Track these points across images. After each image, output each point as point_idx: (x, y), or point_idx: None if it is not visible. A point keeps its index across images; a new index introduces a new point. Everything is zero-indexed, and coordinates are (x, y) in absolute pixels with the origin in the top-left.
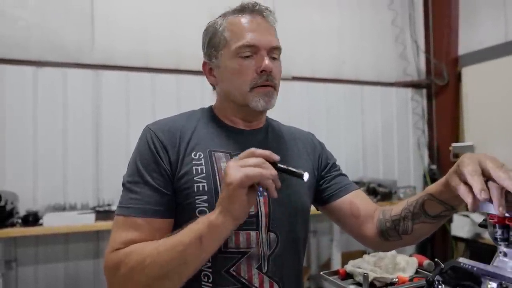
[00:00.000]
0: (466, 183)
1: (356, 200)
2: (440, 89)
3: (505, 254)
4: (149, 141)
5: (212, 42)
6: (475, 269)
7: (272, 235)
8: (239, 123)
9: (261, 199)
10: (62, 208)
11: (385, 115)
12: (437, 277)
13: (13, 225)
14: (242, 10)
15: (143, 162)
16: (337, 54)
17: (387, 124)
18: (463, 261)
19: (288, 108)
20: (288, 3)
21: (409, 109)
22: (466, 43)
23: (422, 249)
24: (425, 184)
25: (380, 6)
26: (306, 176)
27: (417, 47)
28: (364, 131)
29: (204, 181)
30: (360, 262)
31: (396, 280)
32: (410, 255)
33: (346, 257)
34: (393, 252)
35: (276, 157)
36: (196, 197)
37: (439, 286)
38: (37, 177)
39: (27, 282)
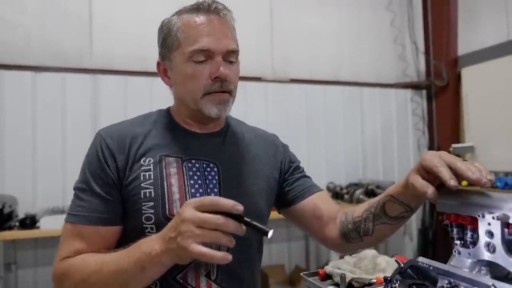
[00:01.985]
0: (424, 179)
1: (319, 202)
2: (440, 90)
3: (459, 253)
4: (97, 147)
5: (166, 42)
6: (431, 268)
7: None
8: (195, 126)
9: None
10: (60, 211)
11: (385, 117)
12: (397, 276)
13: (11, 228)
14: (197, 9)
15: (90, 169)
16: (335, 56)
17: (386, 125)
18: (422, 260)
19: (286, 111)
20: (286, 5)
21: (409, 110)
22: (465, 43)
23: (423, 252)
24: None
25: (378, 7)
26: (270, 234)
27: (416, 48)
28: (363, 132)
29: (151, 187)
30: (340, 263)
31: (375, 281)
32: (392, 256)
33: None
34: (374, 252)
35: (240, 208)
36: (143, 204)
37: (395, 285)
38: (36, 180)
39: (26, 285)
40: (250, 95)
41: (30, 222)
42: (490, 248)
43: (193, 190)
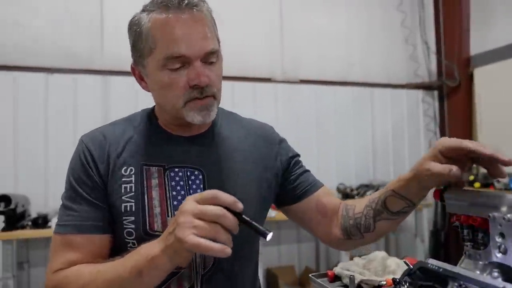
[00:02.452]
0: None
1: (322, 199)
2: (452, 91)
3: (470, 255)
4: (80, 154)
5: (137, 46)
6: (441, 270)
7: None
8: (179, 129)
9: None
10: None
11: (396, 118)
12: (406, 278)
13: (23, 227)
14: (166, 7)
15: (75, 177)
16: (345, 57)
17: (397, 126)
18: (431, 262)
19: (296, 111)
20: (296, 5)
21: (420, 111)
22: (478, 43)
23: (435, 254)
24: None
25: (389, 7)
26: (269, 237)
27: (427, 48)
28: (374, 134)
29: (132, 200)
30: (349, 265)
31: (384, 283)
32: (402, 258)
33: None
34: (384, 254)
35: (240, 206)
36: (124, 218)
37: (403, 286)
38: (48, 180)
39: (39, 283)
40: (259, 96)
41: (42, 221)
42: (502, 249)
43: (175, 203)
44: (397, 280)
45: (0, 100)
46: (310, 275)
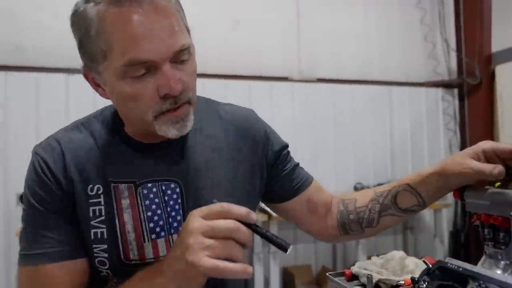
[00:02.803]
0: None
1: (312, 196)
2: (473, 89)
3: (491, 254)
4: (37, 168)
5: (86, 48)
6: (461, 269)
7: None
8: (148, 136)
9: (176, 236)
10: None
11: (414, 116)
12: (424, 277)
13: None
14: (118, 0)
15: (35, 196)
16: (363, 55)
17: (416, 125)
18: (451, 261)
19: (313, 111)
20: (312, 3)
21: (440, 110)
22: (499, 40)
23: (455, 255)
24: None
25: (408, 4)
26: (289, 250)
27: (447, 46)
28: (392, 133)
29: (103, 226)
30: (367, 264)
31: (402, 282)
32: (421, 258)
33: None
34: (402, 254)
35: (254, 217)
36: (94, 246)
37: (422, 285)
38: None
39: None
40: (276, 95)
41: None
42: None
43: (151, 225)
44: (416, 279)
45: (23, 100)
46: (327, 274)
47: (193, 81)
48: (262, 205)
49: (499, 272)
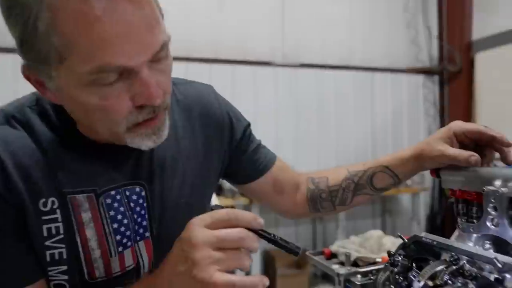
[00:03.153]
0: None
1: (278, 175)
2: (453, 76)
3: (463, 230)
4: None
5: (30, 46)
6: (435, 243)
7: None
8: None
9: (142, 243)
10: None
11: (396, 102)
12: (400, 251)
13: None
14: None
15: None
16: (347, 41)
17: (397, 111)
18: (426, 235)
19: (296, 96)
20: None
21: (420, 96)
22: (480, 28)
23: (433, 230)
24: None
25: None
26: (300, 252)
27: (429, 33)
28: (373, 118)
29: (62, 245)
30: (346, 243)
31: (380, 260)
32: (398, 236)
33: None
34: (380, 233)
35: (261, 222)
36: (50, 268)
37: (398, 258)
38: None
39: None
40: (259, 80)
41: None
42: (494, 222)
43: (118, 237)
44: (392, 253)
45: None
46: (306, 252)
47: (169, 80)
48: None
49: (470, 244)
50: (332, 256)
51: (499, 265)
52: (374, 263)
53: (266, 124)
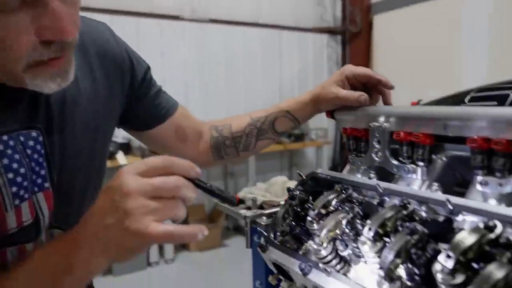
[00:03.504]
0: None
1: (181, 122)
2: (354, 36)
3: (353, 163)
4: None
5: None
6: (329, 177)
7: (57, 231)
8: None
9: (41, 195)
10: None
11: (302, 61)
12: (299, 187)
13: None
14: None
15: None
16: None
17: (303, 70)
18: (321, 171)
19: (204, 52)
20: None
21: (325, 55)
22: None
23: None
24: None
25: None
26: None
27: None
28: (281, 76)
29: None
30: (252, 189)
31: (283, 202)
32: (298, 175)
33: None
34: (284, 179)
35: (198, 171)
36: None
37: (296, 192)
38: None
39: None
40: (167, 35)
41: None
42: (378, 155)
43: (14, 189)
44: (292, 189)
45: None
46: (215, 200)
47: (78, 13)
48: None
49: (359, 176)
50: (240, 202)
51: (380, 190)
52: (279, 205)
53: (174, 81)
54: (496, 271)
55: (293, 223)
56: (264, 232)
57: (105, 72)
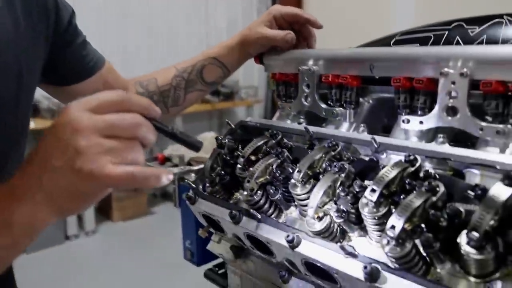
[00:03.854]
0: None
1: (108, 78)
2: None
3: (282, 109)
4: None
5: None
6: (258, 124)
7: None
8: None
9: None
10: None
11: (231, 12)
12: (228, 136)
13: None
14: None
15: None
16: None
17: (232, 21)
18: (250, 119)
19: (124, 6)
20: None
21: (254, 6)
22: None
23: None
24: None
25: None
26: (201, 146)
27: None
28: (208, 27)
29: None
30: (179, 146)
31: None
32: (226, 123)
33: None
34: (213, 134)
35: (158, 111)
36: None
37: (225, 141)
38: None
39: None
40: None
41: None
42: (307, 99)
43: None
44: (220, 138)
45: None
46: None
47: None
48: None
49: (288, 122)
50: (166, 160)
51: (310, 134)
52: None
53: (90, 33)
54: (415, 200)
55: (222, 172)
56: (192, 184)
57: (28, 13)
